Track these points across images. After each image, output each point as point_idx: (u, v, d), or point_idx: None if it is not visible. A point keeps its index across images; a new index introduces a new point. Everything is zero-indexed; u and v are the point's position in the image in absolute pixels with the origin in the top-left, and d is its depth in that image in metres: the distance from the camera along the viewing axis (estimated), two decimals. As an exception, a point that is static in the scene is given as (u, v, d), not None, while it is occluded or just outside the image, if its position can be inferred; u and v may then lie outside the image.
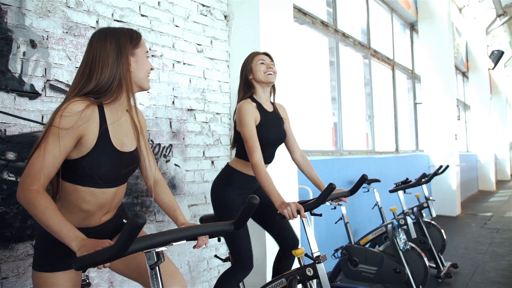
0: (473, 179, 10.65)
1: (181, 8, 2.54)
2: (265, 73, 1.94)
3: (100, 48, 1.20)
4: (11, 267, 1.70)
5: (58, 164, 1.12)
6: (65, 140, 1.10)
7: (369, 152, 5.31)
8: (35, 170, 1.08)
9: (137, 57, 1.26)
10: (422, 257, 3.00)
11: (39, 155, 1.09)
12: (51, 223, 1.04)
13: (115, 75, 1.19)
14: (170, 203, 1.38)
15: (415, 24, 7.43)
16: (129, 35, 1.25)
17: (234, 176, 1.97)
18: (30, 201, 1.06)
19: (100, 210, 1.28)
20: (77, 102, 1.13)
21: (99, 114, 1.19)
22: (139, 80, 1.27)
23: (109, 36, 1.22)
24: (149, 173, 1.42)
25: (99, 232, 1.31)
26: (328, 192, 1.61)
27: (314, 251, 1.77)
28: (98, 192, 1.22)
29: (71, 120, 1.10)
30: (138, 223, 0.77)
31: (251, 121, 1.85)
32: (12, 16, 1.75)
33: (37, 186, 1.07)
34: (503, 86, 13.65)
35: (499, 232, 5.40)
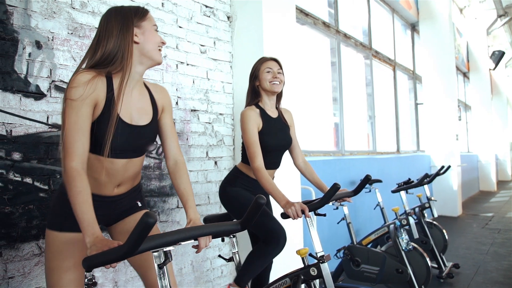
0: (474, 179, 10.65)
1: (184, 9, 2.55)
2: (271, 83, 1.96)
3: (106, 22, 1.26)
4: (17, 267, 1.71)
5: (87, 135, 1.16)
6: (81, 109, 1.14)
7: (371, 153, 5.31)
8: (69, 145, 1.12)
9: (144, 29, 1.28)
10: (425, 257, 3.00)
11: (66, 131, 1.13)
12: (78, 209, 1.07)
13: (119, 45, 1.23)
14: (185, 192, 1.39)
15: (416, 25, 7.44)
16: (135, 9, 1.30)
17: (242, 178, 2.01)
18: (69, 180, 1.10)
19: (110, 181, 1.29)
20: (83, 73, 1.18)
21: (107, 84, 1.22)
22: (148, 52, 1.29)
23: (115, 11, 1.28)
24: (169, 153, 1.43)
25: (111, 204, 1.34)
26: (332, 192, 1.62)
27: (318, 251, 1.78)
28: (105, 161, 1.24)
29: (80, 90, 1.15)
30: (148, 223, 0.77)
31: (253, 128, 1.88)
32: (18, 17, 1.76)
33: (75, 162, 1.11)
34: (504, 87, 13.66)
35: (501, 233, 5.41)
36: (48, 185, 1.83)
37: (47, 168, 1.83)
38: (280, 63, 2.04)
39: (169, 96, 1.47)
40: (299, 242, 2.78)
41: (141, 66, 1.30)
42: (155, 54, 1.30)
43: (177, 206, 2.43)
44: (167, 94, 1.46)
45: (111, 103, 1.22)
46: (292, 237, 2.60)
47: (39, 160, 1.81)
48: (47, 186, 1.82)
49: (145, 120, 1.32)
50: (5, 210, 1.69)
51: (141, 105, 1.31)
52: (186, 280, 2.47)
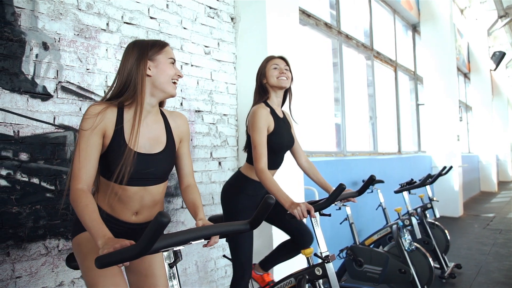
0: (475, 180, 10.66)
1: (188, 10, 2.56)
2: (278, 78, 1.95)
3: (126, 55, 1.32)
4: (24, 267, 1.73)
5: (94, 162, 1.24)
6: (90, 138, 1.23)
7: (372, 153, 5.32)
8: (75, 170, 1.22)
9: (157, 62, 1.33)
10: (427, 257, 3.01)
11: (76, 158, 1.23)
12: (86, 219, 1.12)
13: (132, 77, 1.29)
14: (194, 201, 1.42)
15: (417, 26, 7.46)
16: (152, 43, 1.35)
17: (248, 184, 1.98)
18: (74, 199, 1.17)
19: (125, 207, 1.33)
20: (96, 105, 1.27)
21: (117, 115, 1.29)
22: (160, 85, 1.33)
23: (135, 44, 1.34)
24: (183, 179, 1.49)
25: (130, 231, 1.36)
26: (338, 192, 1.63)
27: (323, 251, 1.79)
28: (117, 188, 1.29)
29: (90, 121, 1.24)
30: (162, 222, 0.78)
31: (264, 128, 1.86)
32: (26, 19, 1.77)
33: (81, 185, 1.20)
34: (505, 87, 13.67)
35: (502, 233, 5.42)
36: (55, 186, 1.84)
37: (53, 169, 1.84)
38: (287, 61, 2.03)
39: (187, 124, 1.50)
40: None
41: (153, 98, 1.35)
42: (167, 86, 1.34)
43: (181, 207, 2.45)
44: (185, 122, 1.48)
45: (120, 133, 1.28)
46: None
47: (46, 160, 1.82)
48: (53, 187, 1.84)
49: (157, 149, 1.35)
50: (12, 210, 1.70)
51: (154, 134, 1.36)
52: (190, 280, 2.48)
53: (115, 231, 1.30)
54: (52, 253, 1.82)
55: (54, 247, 1.83)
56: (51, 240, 1.82)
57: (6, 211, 1.68)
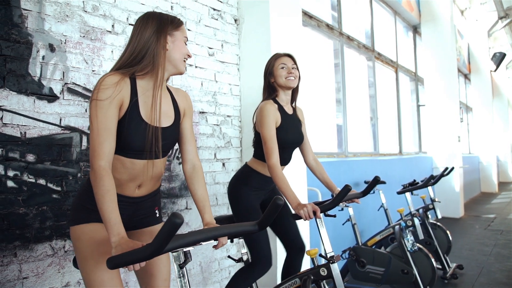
0: (476, 181, 10.67)
1: (193, 12, 2.57)
2: (286, 78, 1.96)
3: (141, 24, 1.29)
4: (31, 267, 1.73)
5: (114, 134, 1.19)
6: (109, 110, 1.18)
7: (373, 154, 5.34)
8: (97, 145, 1.15)
9: (175, 38, 1.32)
10: (430, 258, 3.03)
11: (94, 131, 1.16)
12: (105, 208, 1.09)
13: (149, 47, 1.26)
14: (202, 197, 1.42)
15: (418, 27, 7.48)
16: (171, 18, 1.33)
17: (253, 176, 2.00)
18: (96, 179, 1.12)
19: (132, 181, 1.31)
20: (111, 76, 1.22)
21: (131, 86, 1.25)
22: (174, 61, 1.32)
23: (152, 16, 1.32)
24: (187, 157, 1.46)
25: (133, 205, 1.36)
26: (344, 193, 1.64)
27: (328, 251, 1.80)
28: (127, 161, 1.27)
29: (108, 91, 1.18)
30: (176, 223, 0.79)
31: (272, 123, 1.88)
32: (32, 20, 1.78)
33: (104, 161, 1.15)
34: (505, 88, 13.69)
35: (503, 234, 5.43)
36: (61, 187, 1.85)
37: (60, 170, 1.85)
38: (294, 58, 2.02)
39: (191, 101, 1.50)
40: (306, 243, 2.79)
41: (165, 72, 1.33)
42: (179, 63, 1.34)
43: (186, 207, 2.46)
44: (189, 99, 1.49)
45: (135, 105, 1.25)
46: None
47: (52, 161, 1.83)
48: (60, 188, 1.85)
49: (167, 122, 1.35)
50: (19, 211, 1.71)
51: (164, 108, 1.33)
52: (194, 280, 2.49)
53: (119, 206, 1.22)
54: (59, 254, 1.83)
55: (60, 248, 1.84)
56: (57, 241, 1.83)
57: (13, 212, 1.69)
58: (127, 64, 1.26)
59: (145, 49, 1.26)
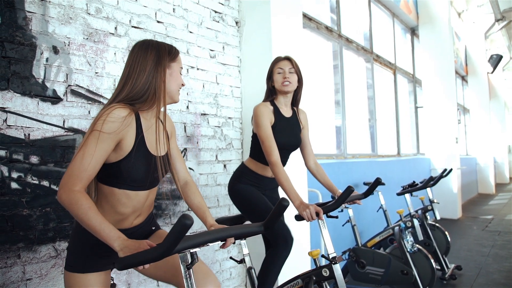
0: (473, 182, 10.72)
1: (194, 14, 2.59)
2: (282, 83, 2.00)
3: (140, 56, 1.27)
4: (34, 269, 1.74)
5: (98, 166, 1.16)
6: (105, 143, 1.16)
7: (372, 156, 5.36)
8: (77, 171, 1.12)
9: (172, 70, 1.32)
10: (429, 258, 3.05)
11: (81, 157, 1.13)
12: (93, 222, 1.07)
13: (150, 83, 1.26)
14: (200, 205, 1.44)
15: (416, 29, 7.52)
16: (168, 49, 1.33)
17: (245, 173, 2.06)
18: (73, 202, 1.09)
19: (133, 212, 1.33)
20: (120, 109, 1.19)
21: (136, 121, 1.26)
22: (170, 92, 1.33)
23: (151, 46, 1.30)
24: (179, 176, 1.48)
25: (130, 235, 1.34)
26: (346, 195, 1.66)
27: (330, 252, 1.81)
28: (132, 194, 1.28)
29: (114, 125, 1.17)
30: (186, 224, 0.81)
31: (267, 122, 1.92)
32: (36, 23, 1.79)
33: (79, 187, 1.12)
34: (502, 90, 13.78)
35: (501, 235, 5.46)
36: (64, 188, 1.86)
37: (63, 172, 1.86)
38: (293, 61, 2.03)
39: (172, 122, 1.52)
40: (306, 243, 2.81)
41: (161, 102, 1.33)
42: (175, 94, 1.35)
43: (187, 209, 2.47)
44: (171, 121, 1.51)
45: (142, 140, 1.26)
46: (300, 239, 2.64)
47: (56, 163, 1.84)
48: (63, 189, 1.85)
49: (163, 151, 1.36)
50: (23, 212, 1.72)
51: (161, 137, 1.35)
52: (195, 282, 2.50)
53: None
54: (62, 255, 1.83)
55: (63, 249, 1.84)
56: (60, 243, 1.83)
57: (17, 213, 1.70)
58: (129, 98, 1.24)
59: (147, 84, 1.25)
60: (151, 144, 1.29)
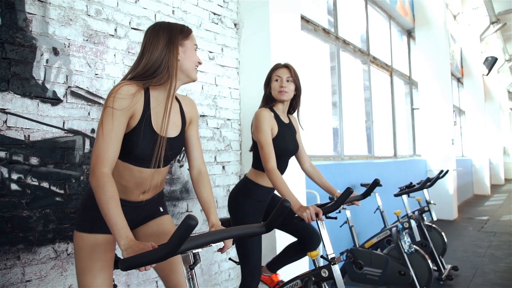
0: (469, 183, 10.79)
1: (193, 16, 2.60)
2: (279, 92, 1.98)
3: (152, 36, 1.31)
4: (34, 270, 1.74)
5: (120, 142, 1.21)
6: (120, 119, 1.20)
7: (369, 157, 5.39)
8: (102, 152, 1.17)
9: (186, 47, 1.34)
10: (426, 259, 3.07)
11: (101, 136, 1.18)
12: (111, 213, 1.10)
13: (163, 60, 1.28)
14: (207, 199, 1.45)
15: (412, 31, 7.57)
16: (180, 28, 1.35)
17: (256, 189, 1.99)
18: (100, 185, 1.13)
19: (137, 188, 1.35)
20: (129, 85, 1.23)
21: (145, 97, 1.28)
22: (186, 70, 1.35)
23: (162, 27, 1.33)
24: (194, 163, 1.49)
25: (136, 209, 1.39)
26: (346, 196, 1.67)
27: (329, 253, 1.82)
28: (135, 170, 1.30)
29: (125, 101, 1.21)
30: (191, 225, 0.81)
31: (268, 129, 1.90)
32: (37, 24, 1.79)
33: (107, 168, 1.16)
34: (497, 92, 13.88)
35: (496, 236, 5.50)
36: (64, 190, 1.86)
37: (63, 173, 1.86)
38: (292, 69, 2.02)
39: (197, 109, 1.53)
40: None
41: (178, 82, 1.36)
42: (192, 72, 1.36)
43: (186, 210, 2.47)
44: (195, 107, 1.51)
45: (148, 117, 1.28)
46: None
47: (56, 165, 1.84)
48: (63, 191, 1.86)
49: (175, 132, 1.38)
50: (23, 214, 1.72)
51: (173, 118, 1.37)
52: (194, 283, 2.50)
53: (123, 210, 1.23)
54: (61, 256, 1.84)
55: (63, 251, 1.84)
56: (60, 244, 1.84)
57: (16, 215, 1.70)
58: (141, 76, 1.28)
59: (159, 62, 1.28)
60: (157, 123, 1.30)
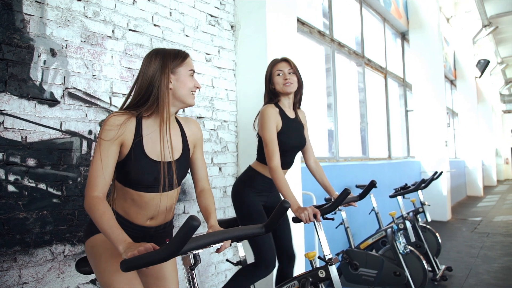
0: (462, 185, 10.89)
1: (191, 18, 2.60)
2: (284, 85, 2.00)
3: (146, 65, 1.34)
4: (30, 272, 1.73)
5: (111, 170, 1.26)
6: (110, 149, 1.26)
7: (364, 159, 5.42)
8: (92, 179, 1.24)
9: (179, 75, 1.35)
10: (421, 260, 3.09)
11: (94, 165, 1.25)
12: (105, 226, 1.15)
13: (153, 88, 1.31)
14: (208, 207, 1.46)
15: (406, 34, 7.64)
16: (174, 54, 1.36)
17: (257, 179, 2.04)
18: (90, 206, 1.19)
19: (141, 213, 1.35)
20: (117, 116, 1.29)
21: (136, 126, 1.31)
22: (180, 97, 1.37)
23: (156, 54, 1.35)
24: (198, 183, 1.54)
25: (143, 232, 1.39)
26: (343, 197, 1.69)
27: (326, 254, 1.84)
28: (134, 194, 1.33)
29: (111, 133, 1.26)
30: (193, 225, 0.82)
31: (273, 126, 1.91)
32: (34, 25, 1.79)
33: (97, 192, 1.22)
34: (489, 94, 14.04)
35: (489, 236, 5.56)
36: (61, 191, 1.85)
37: (60, 174, 1.86)
38: (291, 62, 2.05)
39: (201, 131, 1.54)
40: (300, 245, 2.83)
41: (173, 108, 1.38)
42: (187, 98, 1.38)
43: (183, 212, 2.47)
44: (199, 129, 1.53)
45: (138, 144, 1.30)
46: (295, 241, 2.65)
47: (53, 166, 1.83)
48: (60, 192, 1.85)
49: (175, 156, 1.39)
50: (20, 215, 1.71)
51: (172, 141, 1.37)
52: (191, 284, 2.50)
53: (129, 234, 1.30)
54: (58, 258, 1.83)
55: (60, 253, 1.84)
56: (57, 246, 1.83)
57: (13, 216, 1.69)
58: (135, 105, 1.33)
59: (150, 90, 1.31)
60: (152, 149, 1.32)
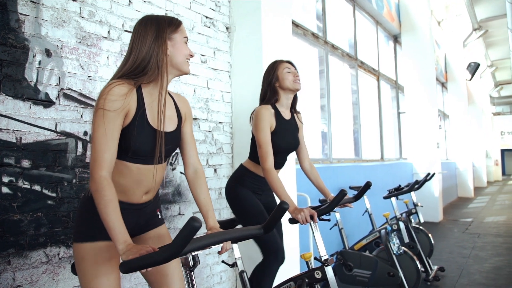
0: (453, 186, 11.01)
1: (186, 19, 2.60)
2: (294, 81, 2.01)
3: (140, 31, 1.29)
4: (25, 275, 1.71)
5: (116, 144, 1.19)
6: (114, 121, 1.18)
7: (356, 160, 5.45)
8: (99, 155, 1.15)
9: (175, 41, 1.32)
10: (415, 260, 3.13)
11: (98, 140, 1.16)
12: (109, 217, 1.09)
13: (151, 56, 1.26)
14: (205, 202, 1.44)
15: (398, 36, 7.72)
16: (169, 20, 1.33)
17: (247, 176, 2.06)
18: (99, 189, 1.12)
19: (138, 187, 1.31)
20: (120, 85, 1.21)
21: (137, 95, 1.26)
22: (177, 64, 1.33)
23: (150, 20, 1.31)
24: (189, 161, 1.48)
25: (137, 211, 1.36)
26: (340, 198, 1.70)
27: (322, 255, 1.84)
28: (133, 167, 1.28)
29: (117, 103, 1.18)
30: (195, 227, 0.82)
31: (267, 127, 1.92)
32: (29, 25, 1.78)
33: (105, 171, 1.14)
34: (479, 97, 14.24)
35: (480, 237, 5.63)
36: (56, 193, 1.84)
37: (55, 176, 1.84)
38: (295, 65, 2.10)
39: (190, 107, 1.53)
40: (295, 246, 2.84)
41: (170, 76, 1.34)
42: (183, 65, 1.35)
43: (179, 213, 2.46)
44: (188, 104, 1.51)
45: (142, 113, 1.26)
46: (290, 242, 2.67)
47: (48, 167, 1.82)
48: (55, 194, 1.83)
49: (172, 127, 1.37)
50: (14, 217, 1.69)
51: (168, 112, 1.35)
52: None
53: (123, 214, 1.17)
54: (53, 261, 1.81)
55: (54, 255, 1.82)
56: (52, 248, 1.81)
57: (7, 218, 1.67)
58: (131, 73, 1.26)
59: (148, 58, 1.26)
60: (154, 118, 1.29)
